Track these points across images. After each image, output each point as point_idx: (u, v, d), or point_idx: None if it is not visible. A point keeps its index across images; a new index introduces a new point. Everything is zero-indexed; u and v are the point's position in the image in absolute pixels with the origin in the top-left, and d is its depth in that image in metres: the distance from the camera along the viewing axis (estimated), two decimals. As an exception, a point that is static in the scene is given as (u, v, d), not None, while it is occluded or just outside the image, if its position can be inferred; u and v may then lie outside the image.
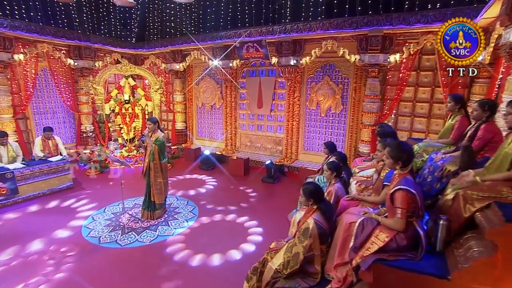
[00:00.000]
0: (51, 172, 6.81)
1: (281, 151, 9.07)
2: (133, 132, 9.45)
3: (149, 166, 5.39)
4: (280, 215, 5.93)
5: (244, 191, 7.25)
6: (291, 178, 8.12)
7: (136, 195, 6.78)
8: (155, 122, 5.32)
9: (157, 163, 5.34)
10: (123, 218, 5.81)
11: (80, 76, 9.41)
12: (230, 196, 6.89)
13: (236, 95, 9.56)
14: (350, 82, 7.74)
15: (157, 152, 5.29)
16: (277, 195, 7.09)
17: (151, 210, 5.65)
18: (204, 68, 10.04)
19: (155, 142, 5.28)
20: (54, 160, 6.90)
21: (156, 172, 5.40)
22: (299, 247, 3.38)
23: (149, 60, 10.50)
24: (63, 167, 7.01)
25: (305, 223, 3.46)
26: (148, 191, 5.57)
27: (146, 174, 5.51)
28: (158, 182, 5.45)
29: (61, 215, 5.90)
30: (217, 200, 6.67)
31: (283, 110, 8.82)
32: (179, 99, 10.50)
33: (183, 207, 6.32)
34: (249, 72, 9.27)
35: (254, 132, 9.49)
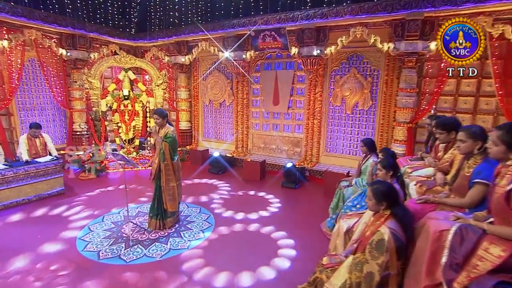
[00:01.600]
0: (38, 175, 6.11)
1: (299, 153, 8.48)
2: (132, 131, 8.90)
3: (159, 167, 4.73)
4: (310, 225, 5.32)
5: (264, 197, 6.63)
6: (314, 183, 7.48)
7: (139, 202, 6.10)
8: (164, 115, 4.71)
9: (168, 163, 4.70)
10: (126, 228, 5.07)
11: (73, 68, 8.71)
12: (248, 203, 6.25)
13: (248, 91, 8.97)
14: (381, 75, 7.15)
15: (168, 150, 4.66)
16: (302, 202, 6.48)
17: (160, 218, 4.98)
18: (212, 61, 9.46)
19: (164, 139, 4.65)
20: (42, 161, 6.17)
21: (168, 175, 4.75)
22: (372, 265, 2.69)
23: (151, 53, 9.88)
24: (54, 168, 6.25)
25: (378, 234, 2.77)
26: (157, 197, 4.91)
27: (155, 177, 4.84)
28: (170, 187, 4.80)
29: (51, 225, 5.17)
30: (234, 207, 6.02)
31: (303, 107, 8.25)
32: (184, 96, 9.85)
33: (195, 216, 5.65)
34: (263, 65, 8.66)
35: (268, 132, 8.91)
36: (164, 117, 4.71)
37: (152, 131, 4.68)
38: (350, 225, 4.06)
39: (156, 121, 4.68)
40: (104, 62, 8.42)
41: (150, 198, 6.01)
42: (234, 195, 6.73)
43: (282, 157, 8.72)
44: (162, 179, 4.73)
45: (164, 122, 4.73)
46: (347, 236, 4.07)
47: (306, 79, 8.05)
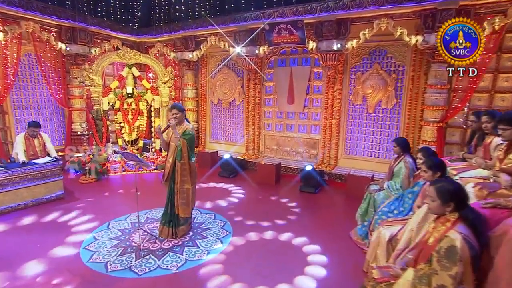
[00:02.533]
0: (36, 177, 5.74)
1: (316, 156, 8.15)
2: (136, 132, 8.55)
3: (174, 167, 4.41)
4: (337, 233, 4.98)
5: (282, 203, 6.28)
6: (334, 188, 7.14)
7: (147, 207, 5.74)
8: (183, 110, 4.45)
9: (185, 162, 4.39)
10: (135, 236, 4.68)
11: (73, 64, 8.40)
12: (267, 209, 5.90)
13: (261, 89, 8.68)
14: (407, 71, 6.84)
15: (186, 148, 4.34)
16: (324, 207, 6.14)
17: (173, 225, 4.64)
18: (222, 58, 9.13)
19: (182, 136, 4.33)
20: (41, 162, 5.81)
21: (183, 176, 4.43)
22: (443, 277, 2.34)
23: (155, 49, 9.59)
24: (53, 170, 5.88)
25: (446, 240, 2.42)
26: (170, 202, 4.58)
27: (168, 178, 4.53)
28: (184, 189, 4.46)
29: (51, 233, 4.79)
30: (252, 213, 5.67)
31: (320, 106, 7.94)
32: (191, 94, 9.51)
33: (210, 222, 5.30)
34: (277, 62, 8.34)
35: (282, 133, 8.59)
36: (183, 111, 4.45)
37: (171, 125, 4.33)
38: (393, 233, 3.71)
39: (175, 115, 4.37)
40: (107, 58, 8.05)
41: (158, 203, 5.79)
42: (249, 200, 6.40)
43: (297, 160, 8.39)
44: (176, 180, 4.42)
45: (183, 118, 4.46)
46: (390, 246, 3.72)
47: (323, 76, 7.75)
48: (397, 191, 4.81)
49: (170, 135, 4.55)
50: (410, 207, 4.23)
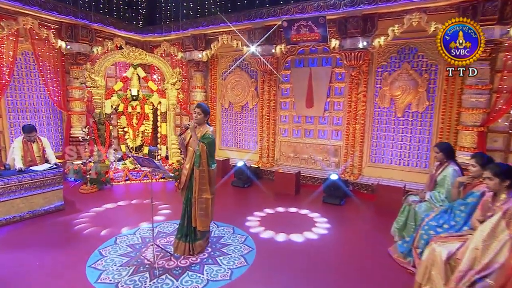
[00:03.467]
0: (34, 186, 5.44)
1: (337, 164, 7.88)
2: (140, 138, 8.28)
3: (192, 174, 4.16)
4: (373, 249, 4.67)
5: (306, 215, 5.96)
6: (361, 199, 6.84)
7: (157, 220, 5.46)
8: (208, 112, 4.27)
9: (204, 169, 4.12)
10: (147, 252, 4.34)
11: (73, 64, 8.21)
12: (290, 222, 5.59)
13: (276, 91, 8.50)
14: (440, 70, 6.59)
15: (205, 153, 4.09)
16: (354, 221, 5.84)
17: (190, 240, 4.32)
18: (234, 58, 9.05)
19: (202, 139, 4.09)
20: (40, 170, 5.52)
21: (202, 184, 4.15)
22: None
23: (161, 49, 9.45)
24: (53, 179, 5.60)
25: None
26: (187, 213, 4.29)
27: (185, 187, 4.27)
28: (203, 199, 4.17)
29: (51, 249, 4.46)
30: (274, 227, 5.33)
31: (342, 110, 7.75)
32: (199, 97, 9.33)
33: (229, 237, 4.96)
34: (294, 62, 8.18)
35: (300, 140, 8.39)
36: (207, 114, 4.24)
37: (190, 127, 4.09)
38: (451, 251, 3.39)
39: (196, 116, 4.16)
40: (110, 57, 7.85)
41: (168, 215, 5.66)
42: (270, 212, 6.07)
43: (316, 168, 8.14)
44: (194, 188, 4.15)
45: (205, 120, 4.25)
46: (448, 266, 3.38)
47: (346, 76, 7.54)
48: (442, 202, 4.50)
49: (188, 138, 4.29)
50: (464, 221, 3.90)
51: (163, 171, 4.12)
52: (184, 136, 4.37)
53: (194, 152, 4.14)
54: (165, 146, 8.45)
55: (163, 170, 4.09)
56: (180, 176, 4.37)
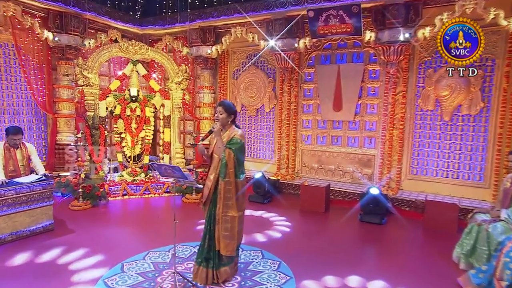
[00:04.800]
0: (19, 202, 5.02)
1: (371, 176, 7.64)
2: (140, 145, 7.92)
3: (217, 186, 3.85)
4: (439, 279, 4.28)
5: (345, 237, 5.65)
6: (403, 217, 6.49)
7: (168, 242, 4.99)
8: (232, 111, 3.93)
9: (231, 181, 3.79)
10: (164, 282, 3.91)
11: (61, 59, 7.99)
12: (327, 246, 5.26)
13: (298, 92, 8.38)
14: (498, 65, 6.30)
15: (232, 162, 3.77)
16: (403, 243, 5.53)
17: (213, 266, 3.95)
18: (248, 54, 9.00)
19: (229, 145, 3.78)
20: (26, 182, 5.12)
21: (228, 199, 3.81)
22: None
23: (163, 43, 9.34)
24: (41, 193, 5.24)
25: None
26: (209, 233, 3.94)
27: (208, 201, 3.94)
28: (228, 217, 3.83)
29: (43, 281, 3.99)
30: (310, 251, 5.00)
31: (376, 114, 7.59)
32: (207, 99, 9.25)
33: (259, 263, 4.59)
34: (319, 58, 8.04)
35: (326, 148, 8.23)
36: (231, 113, 3.91)
37: (215, 130, 3.75)
38: None
39: (218, 116, 3.84)
40: (106, 51, 7.56)
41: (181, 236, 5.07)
42: (299, 233, 5.79)
43: (345, 181, 7.93)
44: (218, 204, 3.82)
45: (229, 121, 3.93)
46: None
47: (381, 74, 7.42)
48: (521, 223, 4.12)
49: (214, 144, 3.95)
50: None
51: (191, 181, 3.72)
52: (209, 140, 4.04)
53: (219, 160, 3.83)
54: (168, 156, 8.13)
55: (190, 180, 3.68)
56: (203, 189, 4.00)
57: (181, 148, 8.33)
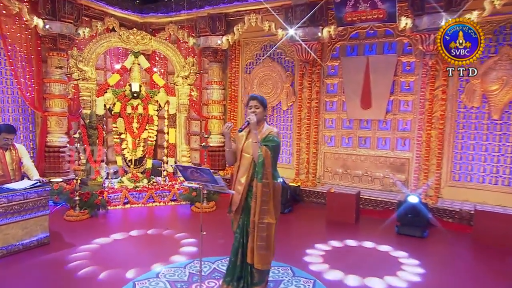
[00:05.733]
0: (11, 211, 4.82)
1: (405, 182, 7.54)
2: (142, 148, 7.88)
3: (249, 191, 3.73)
4: None
5: (384, 252, 5.43)
6: (446, 229, 6.34)
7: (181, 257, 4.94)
8: (266, 104, 3.85)
9: (269, 182, 3.62)
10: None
11: (53, 49, 7.84)
12: (363, 261, 5.16)
13: (320, 88, 8.32)
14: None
15: (269, 162, 3.61)
16: (453, 261, 5.29)
17: (245, 285, 3.81)
18: (262, 45, 8.98)
19: (264, 142, 3.62)
20: (19, 188, 4.93)
21: (265, 203, 3.63)
22: None
23: (165, 33, 9.26)
24: (36, 201, 5.05)
25: None
26: (241, 245, 3.78)
27: (240, 208, 3.78)
28: (265, 224, 3.64)
29: None
30: (342, 266, 4.87)
31: (411, 112, 7.54)
32: (216, 96, 9.20)
33: (290, 281, 4.46)
34: (345, 49, 8.03)
35: (352, 150, 8.20)
36: (265, 107, 3.83)
37: (252, 122, 3.57)
38: None
39: (254, 111, 3.69)
40: (104, 41, 7.58)
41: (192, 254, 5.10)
42: (331, 246, 5.61)
43: (375, 188, 7.86)
44: (253, 210, 3.64)
45: (264, 117, 3.83)
46: None
47: (417, 67, 7.31)
48: None
49: (243, 142, 3.78)
50: None
51: (221, 186, 3.51)
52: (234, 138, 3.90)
53: (251, 160, 3.67)
54: (172, 159, 8.06)
55: (221, 185, 3.47)
56: (232, 196, 3.81)
57: (188, 151, 8.25)
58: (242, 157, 3.78)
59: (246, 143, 3.73)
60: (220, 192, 4.01)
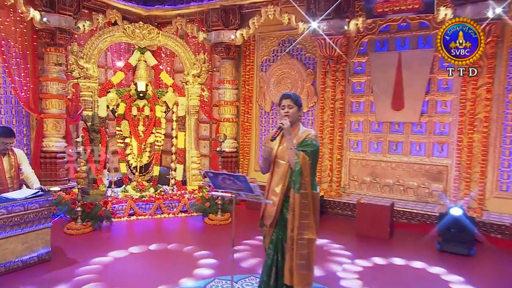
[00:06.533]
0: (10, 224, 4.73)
1: (444, 192, 7.44)
2: (148, 153, 7.90)
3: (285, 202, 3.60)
4: None
5: (428, 273, 5.28)
6: (496, 247, 6.21)
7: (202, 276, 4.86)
8: (300, 103, 3.76)
9: (308, 193, 3.47)
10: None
11: (50, 45, 7.77)
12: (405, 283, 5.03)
13: (345, 87, 8.32)
14: None
15: (308, 169, 3.47)
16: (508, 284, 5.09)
17: None
18: (280, 40, 9.00)
19: (301, 147, 3.50)
20: (19, 198, 4.83)
21: (305, 217, 3.49)
22: None
23: (173, 27, 9.23)
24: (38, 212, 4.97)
25: None
26: (275, 264, 3.62)
27: (274, 222, 3.63)
28: (305, 240, 3.50)
29: None
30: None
31: (450, 113, 7.47)
32: (229, 96, 9.19)
33: None
34: (374, 44, 8.01)
35: (381, 157, 8.14)
36: (300, 106, 3.71)
37: (285, 127, 3.45)
38: None
39: (287, 111, 3.57)
40: (107, 36, 7.65)
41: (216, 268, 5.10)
42: (366, 264, 5.49)
43: (408, 199, 7.76)
44: (290, 225, 3.50)
45: (299, 118, 3.73)
46: None
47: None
48: None
49: (277, 147, 3.67)
50: None
51: (257, 195, 3.39)
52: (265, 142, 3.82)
53: (288, 167, 3.54)
54: (181, 166, 8.04)
55: (257, 193, 3.34)
56: (264, 207, 3.69)
57: (198, 157, 8.21)
58: (276, 163, 3.66)
59: (281, 148, 3.62)
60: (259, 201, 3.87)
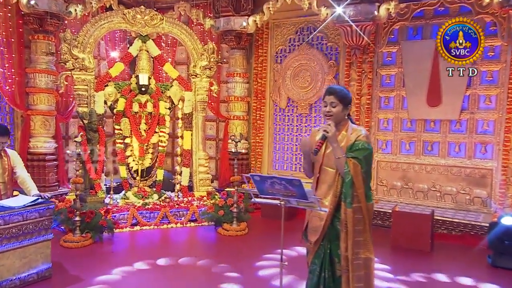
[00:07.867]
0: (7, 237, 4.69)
1: (487, 199, 7.48)
2: (151, 155, 7.97)
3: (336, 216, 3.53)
4: None
5: None
6: None
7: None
8: (349, 99, 3.62)
9: (361, 206, 3.44)
10: None
11: (38, 31, 7.85)
12: None
13: (372, 80, 8.39)
14: None
15: (361, 179, 3.40)
16: None
17: None
18: (297, 28, 9.10)
19: (351, 152, 3.41)
20: (17, 206, 4.79)
21: (359, 233, 3.45)
22: None
23: (175, 13, 9.25)
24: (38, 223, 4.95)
25: None
26: (322, 281, 3.58)
27: (321, 237, 3.59)
28: (362, 260, 3.47)
29: None
30: None
31: (494, 110, 7.52)
32: (239, 91, 9.28)
33: None
34: (406, 32, 8.10)
35: (414, 159, 8.20)
36: (347, 103, 3.58)
37: (329, 135, 3.36)
38: None
39: (330, 110, 3.47)
40: (104, 22, 7.73)
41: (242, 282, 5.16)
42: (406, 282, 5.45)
43: (445, 206, 7.79)
44: (345, 243, 3.44)
45: (345, 115, 3.60)
46: None
47: (503, 53, 7.29)
48: None
49: (323, 152, 3.58)
50: None
51: (311, 202, 3.32)
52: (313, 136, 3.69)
53: (337, 175, 3.49)
54: (187, 169, 8.10)
55: (311, 200, 3.29)
56: (309, 219, 3.66)
57: (206, 159, 8.27)
58: (322, 171, 3.57)
59: (327, 153, 3.52)
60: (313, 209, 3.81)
